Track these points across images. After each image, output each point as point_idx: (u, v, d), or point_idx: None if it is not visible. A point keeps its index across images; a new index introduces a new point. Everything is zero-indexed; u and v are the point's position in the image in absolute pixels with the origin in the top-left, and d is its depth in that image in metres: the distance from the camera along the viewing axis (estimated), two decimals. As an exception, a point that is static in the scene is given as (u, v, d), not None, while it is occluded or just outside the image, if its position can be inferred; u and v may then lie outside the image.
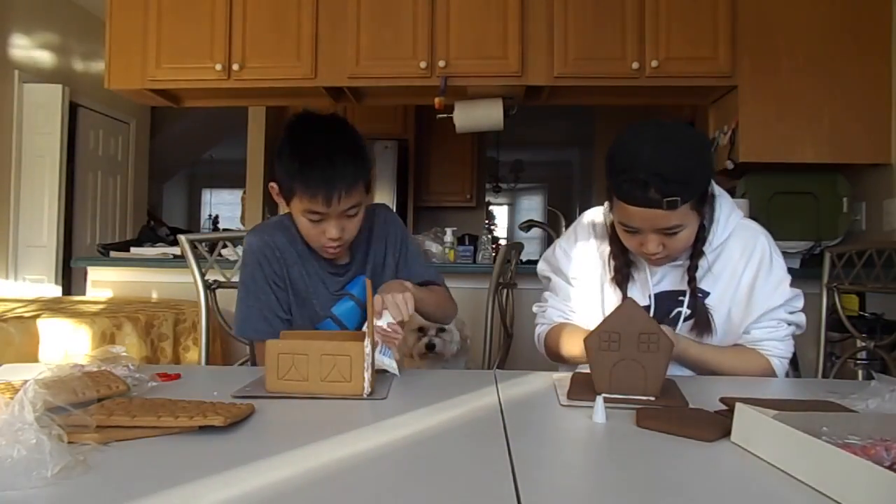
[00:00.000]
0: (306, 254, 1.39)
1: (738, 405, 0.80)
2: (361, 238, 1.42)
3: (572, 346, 1.35)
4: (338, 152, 1.26)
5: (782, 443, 0.70)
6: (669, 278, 1.35)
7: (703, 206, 1.25)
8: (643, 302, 1.33)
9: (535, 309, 1.51)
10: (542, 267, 1.50)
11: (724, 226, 1.32)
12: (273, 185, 1.33)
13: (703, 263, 1.32)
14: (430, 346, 2.05)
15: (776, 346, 1.33)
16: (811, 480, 0.64)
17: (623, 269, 1.34)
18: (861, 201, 2.92)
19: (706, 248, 1.31)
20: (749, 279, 1.32)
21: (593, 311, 1.38)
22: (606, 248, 1.38)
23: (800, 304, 1.35)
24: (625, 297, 1.34)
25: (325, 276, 1.40)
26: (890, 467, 0.60)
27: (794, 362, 1.45)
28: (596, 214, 1.44)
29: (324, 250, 1.33)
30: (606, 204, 1.39)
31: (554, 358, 1.46)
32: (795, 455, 0.67)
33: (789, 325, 1.34)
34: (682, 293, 1.33)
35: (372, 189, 1.35)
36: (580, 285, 1.41)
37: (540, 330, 1.47)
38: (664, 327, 1.20)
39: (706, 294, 1.33)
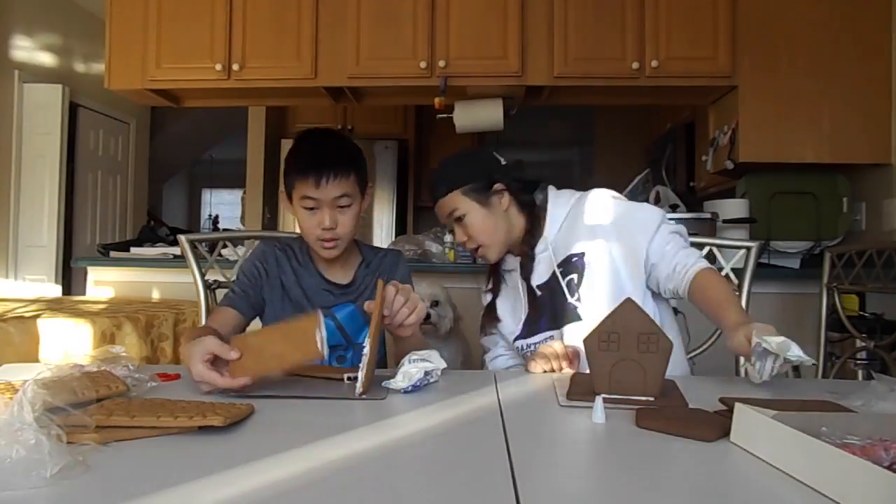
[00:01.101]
0: (301, 270, 1.50)
1: (737, 405, 0.80)
2: (369, 271, 1.53)
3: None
4: (331, 144, 1.43)
5: (782, 443, 0.70)
6: (536, 275, 1.47)
7: (478, 194, 1.48)
8: (522, 313, 1.48)
9: (485, 368, 1.63)
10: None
11: (560, 209, 1.51)
12: (282, 190, 1.47)
13: (549, 232, 1.48)
14: (426, 316, 2.02)
15: (689, 254, 1.39)
16: (811, 480, 0.64)
17: (497, 276, 1.57)
18: (861, 201, 2.92)
19: (549, 230, 1.49)
20: (612, 226, 1.43)
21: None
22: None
23: (667, 221, 1.46)
24: (494, 299, 1.55)
25: (318, 291, 1.49)
26: (889, 467, 0.60)
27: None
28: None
29: (321, 246, 1.41)
30: None
31: None
32: (795, 455, 0.67)
33: (679, 235, 1.44)
34: (554, 278, 1.44)
35: (368, 196, 1.47)
36: (502, 326, 1.56)
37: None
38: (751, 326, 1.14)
39: (579, 255, 1.43)
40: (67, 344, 2.05)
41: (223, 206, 9.49)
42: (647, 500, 0.63)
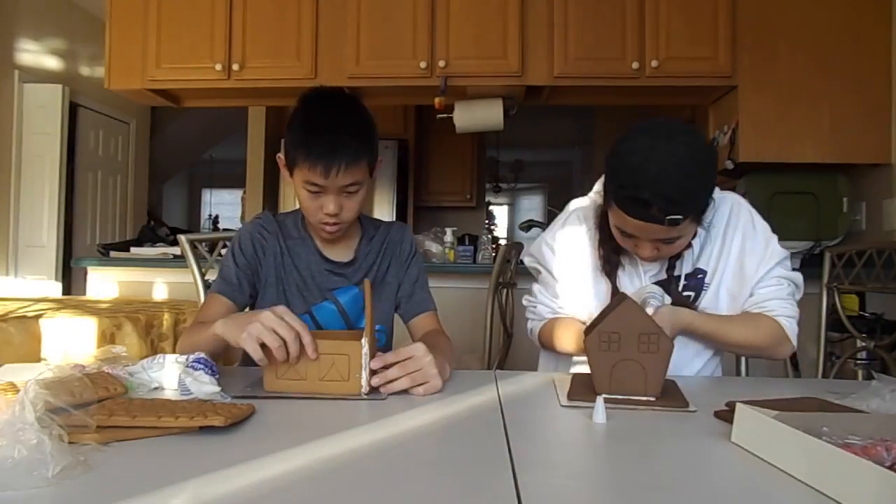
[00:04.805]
0: (298, 248, 1.40)
1: (738, 405, 0.80)
2: (371, 247, 1.44)
3: (566, 342, 1.35)
4: (344, 126, 1.26)
5: (783, 443, 0.70)
6: (660, 267, 1.35)
7: (704, 217, 1.23)
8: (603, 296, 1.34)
9: (524, 302, 1.50)
10: (528, 260, 1.50)
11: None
12: (280, 155, 1.35)
13: (694, 243, 1.32)
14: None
15: (782, 304, 1.30)
16: (811, 480, 0.64)
17: (612, 257, 1.34)
18: (861, 201, 2.92)
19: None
20: (738, 246, 1.32)
21: (582, 302, 1.38)
22: (594, 236, 1.38)
23: (790, 262, 1.36)
24: (614, 286, 1.33)
25: (319, 271, 1.40)
26: (890, 467, 0.60)
27: (794, 362, 1.46)
28: (580, 204, 1.44)
29: (321, 228, 1.32)
30: (597, 195, 1.39)
31: (550, 350, 1.45)
32: (796, 455, 0.67)
33: (789, 283, 1.33)
34: (674, 280, 1.33)
35: (376, 173, 1.34)
36: (566, 280, 1.40)
37: (532, 325, 1.48)
38: (663, 308, 1.20)
39: (704, 272, 1.33)
40: (68, 344, 2.05)
41: (223, 206, 9.50)
42: (647, 500, 0.63)
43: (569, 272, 1.40)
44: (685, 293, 1.33)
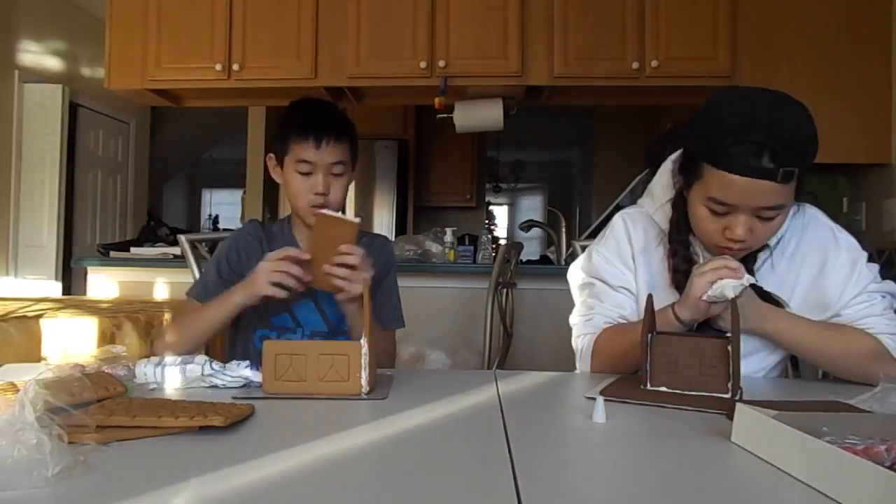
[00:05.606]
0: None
1: (738, 405, 0.80)
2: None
3: (628, 339, 1.15)
4: (330, 110, 1.45)
5: (783, 443, 0.70)
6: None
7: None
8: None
9: (573, 320, 1.32)
10: (575, 275, 1.35)
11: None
12: (270, 156, 1.44)
13: (762, 256, 1.19)
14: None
15: (879, 321, 1.14)
16: (811, 480, 0.64)
17: (684, 266, 1.19)
18: (861, 201, 2.92)
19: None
20: (816, 269, 1.20)
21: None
22: (654, 252, 1.26)
23: (880, 274, 1.20)
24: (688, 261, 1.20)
25: None
26: (890, 467, 0.60)
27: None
28: (630, 216, 1.31)
29: (310, 212, 1.37)
30: (650, 197, 1.31)
31: (604, 366, 1.24)
32: (796, 455, 0.67)
33: (884, 296, 1.17)
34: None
35: (354, 172, 1.47)
36: (627, 292, 1.27)
37: (583, 340, 1.27)
38: (752, 302, 1.08)
39: (778, 295, 1.20)
40: (68, 344, 2.05)
41: (223, 206, 9.48)
42: (647, 500, 0.63)
43: (628, 285, 1.27)
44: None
